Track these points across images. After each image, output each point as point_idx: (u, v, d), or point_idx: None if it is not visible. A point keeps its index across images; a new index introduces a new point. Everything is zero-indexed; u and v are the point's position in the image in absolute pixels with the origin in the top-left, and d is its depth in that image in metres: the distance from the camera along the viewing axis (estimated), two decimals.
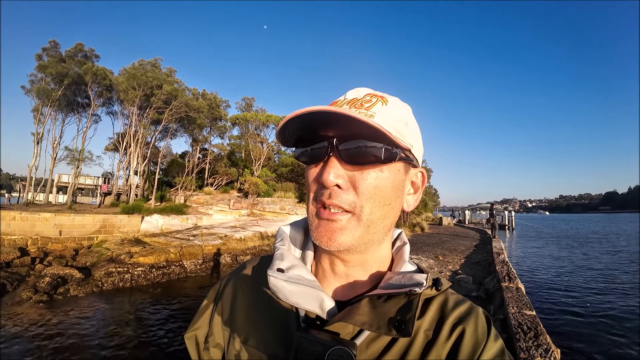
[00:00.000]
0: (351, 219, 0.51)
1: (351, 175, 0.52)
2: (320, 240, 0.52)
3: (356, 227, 0.52)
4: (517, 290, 5.73)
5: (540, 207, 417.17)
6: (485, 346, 0.50)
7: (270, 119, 29.36)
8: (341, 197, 0.51)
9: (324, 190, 0.51)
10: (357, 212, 0.51)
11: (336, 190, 0.51)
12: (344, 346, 0.46)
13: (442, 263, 10.50)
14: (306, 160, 0.55)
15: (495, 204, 21.72)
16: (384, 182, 0.53)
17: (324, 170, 0.51)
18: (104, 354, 6.34)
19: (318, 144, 0.53)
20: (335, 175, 0.50)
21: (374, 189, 0.52)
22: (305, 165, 0.57)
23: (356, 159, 0.51)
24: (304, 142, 0.55)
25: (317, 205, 0.53)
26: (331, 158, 0.51)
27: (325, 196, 0.51)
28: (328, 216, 0.51)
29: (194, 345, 0.66)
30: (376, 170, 0.52)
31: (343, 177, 0.51)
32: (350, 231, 0.51)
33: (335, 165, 0.51)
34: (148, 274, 11.59)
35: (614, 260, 16.96)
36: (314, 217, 0.54)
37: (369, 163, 0.51)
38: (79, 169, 23.85)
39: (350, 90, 0.58)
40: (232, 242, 15.49)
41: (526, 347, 3.36)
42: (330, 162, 0.51)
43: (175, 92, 22.43)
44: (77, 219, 14.98)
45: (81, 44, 23.13)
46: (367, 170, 0.52)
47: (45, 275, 10.39)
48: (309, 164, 0.55)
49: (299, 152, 0.56)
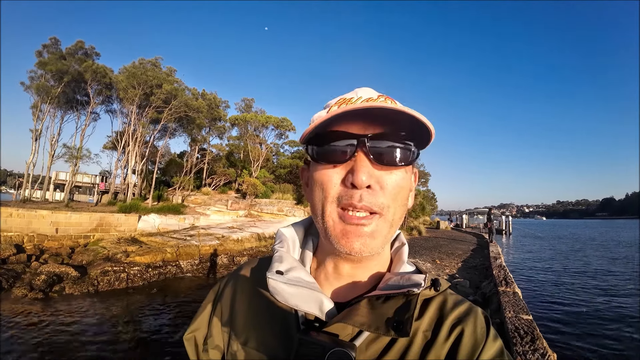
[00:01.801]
0: (379, 221, 0.51)
1: (379, 175, 0.51)
2: (350, 247, 0.50)
3: (385, 229, 0.51)
4: (513, 294, 5.73)
5: (538, 212, 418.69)
6: (485, 346, 0.50)
7: (270, 120, 29.34)
8: (372, 199, 0.50)
9: (353, 192, 0.50)
10: (384, 213, 0.51)
11: (367, 192, 0.50)
12: (343, 347, 0.46)
13: (439, 267, 10.49)
14: (325, 158, 0.53)
15: (493, 208, 21.76)
16: (405, 182, 0.53)
17: (356, 169, 0.49)
18: (98, 352, 6.29)
19: (341, 141, 0.51)
20: (368, 176, 0.49)
21: (399, 190, 0.52)
22: (317, 164, 0.54)
23: (387, 159, 0.50)
24: (321, 138, 0.53)
25: (342, 209, 0.51)
26: (361, 157, 0.50)
27: (355, 198, 0.49)
28: (357, 221, 0.50)
29: (192, 346, 0.66)
30: (401, 171, 0.52)
31: (374, 177, 0.50)
32: (381, 234, 0.51)
33: (366, 164, 0.50)
34: (144, 273, 11.54)
35: (611, 265, 17.00)
36: (336, 223, 0.51)
37: (399, 164, 0.51)
38: (76, 167, 23.77)
39: (359, 88, 0.57)
40: (229, 242, 15.44)
41: (523, 351, 3.36)
42: (360, 162, 0.50)
43: (175, 91, 22.40)
44: (74, 216, 14.92)
45: (82, 41, 23.12)
46: (395, 171, 0.52)
47: (41, 273, 10.33)
48: (327, 162, 0.53)
49: (316, 149, 0.54)
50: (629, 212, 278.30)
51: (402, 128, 0.49)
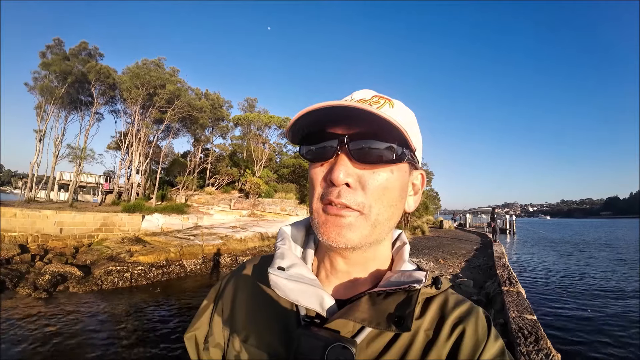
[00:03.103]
0: (359, 217, 0.51)
1: (360, 174, 0.51)
2: (327, 236, 0.51)
3: (363, 226, 0.51)
4: (517, 294, 5.71)
5: (542, 211, 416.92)
6: (486, 346, 0.50)
7: (273, 119, 29.40)
8: (350, 196, 0.50)
9: (332, 189, 0.51)
10: (365, 212, 0.51)
11: (345, 189, 0.50)
12: (344, 343, 0.46)
13: (443, 266, 10.47)
14: (313, 157, 0.55)
15: (497, 207, 21.67)
16: (393, 183, 0.53)
17: (334, 168, 0.50)
18: (102, 351, 6.33)
19: (326, 142, 0.53)
20: (345, 174, 0.50)
21: (383, 190, 0.52)
22: (310, 163, 0.56)
23: (367, 157, 0.51)
24: (310, 139, 0.55)
25: (324, 203, 0.52)
26: (341, 156, 0.51)
27: (333, 195, 0.50)
28: (336, 212, 0.50)
29: (193, 345, 0.66)
30: (387, 171, 0.52)
31: (353, 175, 0.51)
32: (358, 229, 0.51)
33: (345, 163, 0.51)
34: (148, 273, 11.60)
35: (616, 266, 16.91)
36: (320, 214, 0.53)
37: (380, 162, 0.51)
38: (80, 167, 23.93)
39: (356, 91, 0.59)
40: (232, 242, 15.48)
41: (527, 351, 3.34)
42: (340, 160, 0.51)
43: (178, 91, 22.50)
44: (78, 216, 15.00)
45: (85, 42, 23.25)
46: (377, 170, 0.52)
47: (45, 273, 10.40)
48: (316, 161, 0.54)
49: (305, 149, 0.56)
50: (633, 211, 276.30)
51: (383, 127, 0.49)
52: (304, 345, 0.47)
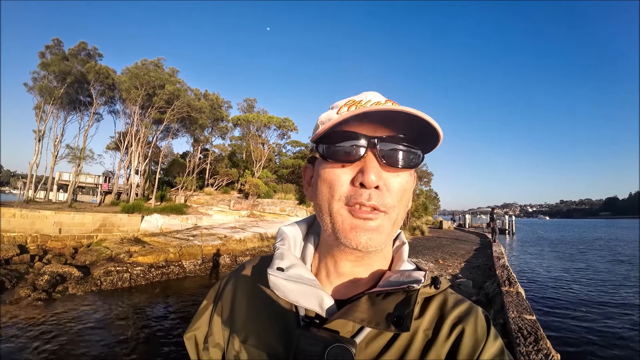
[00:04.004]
0: (384, 218, 0.52)
1: (387, 177, 0.52)
2: (357, 241, 0.51)
3: (388, 227, 0.53)
4: (517, 294, 5.71)
5: (541, 211, 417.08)
6: (485, 346, 0.51)
7: (272, 120, 29.39)
8: (380, 199, 0.51)
9: (362, 191, 0.50)
10: (389, 212, 0.52)
11: (375, 192, 0.51)
12: (343, 344, 0.46)
13: (442, 267, 10.47)
14: (336, 157, 0.53)
15: (496, 208, 21.63)
16: (410, 185, 0.55)
17: (366, 170, 0.50)
18: (101, 352, 6.32)
19: (352, 142, 0.52)
20: (377, 177, 0.50)
21: (404, 192, 0.54)
22: (325, 162, 0.55)
23: (395, 161, 0.51)
24: (332, 138, 0.53)
25: (350, 205, 0.51)
26: (370, 158, 0.51)
27: (364, 197, 0.50)
28: (365, 215, 0.50)
29: (193, 345, 0.66)
30: (407, 174, 0.54)
31: (382, 178, 0.51)
32: (385, 230, 0.52)
33: (376, 166, 0.51)
34: (147, 273, 11.59)
35: (616, 266, 16.93)
36: (344, 217, 0.52)
37: (406, 166, 0.52)
38: (79, 167, 23.91)
39: (366, 92, 0.58)
40: (231, 242, 15.47)
41: (526, 351, 3.34)
42: (370, 162, 0.51)
43: (178, 92, 22.48)
44: (77, 217, 14.98)
45: (84, 42, 23.25)
46: (400, 173, 0.53)
47: (44, 273, 10.39)
48: (337, 161, 0.53)
49: (327, 149, 0.54)
50: (632, 211, 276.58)
51: (411, 131, 0.50)
52: (303, 345, 0.47)
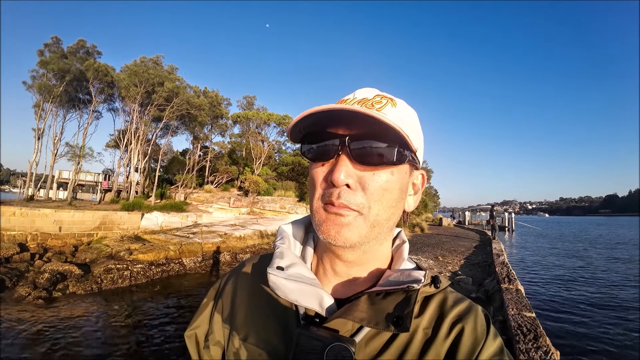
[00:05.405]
0: (358, 217, 0.51)
1: (361, 175, 0.51)
2: (327, 234, 0.51)
3: (362, 226, 0.51)
4: (516, 291, 5.72)
5: (541, 209, 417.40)
6: (484, 344, 0.50)
7: (272, 117, 29.33)
8: (350, 197, 0.50)
9: (333, 189, 0.51)
10: (364, 212, 0.51)
11: (345, 190, 0.50)
12: (342, 343, 0.46)
13: (442, 264, 10.49)
14: (314, 157, 0.55)
15: (496, 205, 21.72)
16: (393, 184, 0.53)
17: (335, 168, 0.50)
18: (102, 350, 6.34)
19: (327, 142, 0.52)
20: (346, 175, 0.50)
21: (383, 192, 0.52)
22: (311, 162, 0.56)
23: (368, 159, 0.51)
24: (311, 138, 0.55)
25: (324, 203, 0.52)
26: (342, 157, 0.51)
27: (334, 195, 0.50)
28: (336, 211, 0.50)
29: (194, 343, 0.66)
30: (387, 172, 0.52)
31: (353, 176, 0.51)
32: (357, 228, 0.51)
33: (346, 164, 0.51)
34: (147, 271, 11.60)
35: (616, 264, 16.95)
36: (320, 213, 0.53)
37: (381, 164, 0.51)
38: (79, 165, 23.89)
39: (359, 89, 0.58)
40: (231, 240, 15.49)
41: (526, 348, 3.35)
42: (341, 161, 0.51)
43: (177, 89, 22.42)
44: (77, 215, 15.00)
45: (83, 40, 23.18)
46: (378, 172, 0.52)
47: (45, 272, 10.41)
48: (317, 160, 0.54)
49: (306, 148, 0.56)
50: (632, 209, 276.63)
51: (383, 129, 0.49)
52: (303, 344, 0.48)
